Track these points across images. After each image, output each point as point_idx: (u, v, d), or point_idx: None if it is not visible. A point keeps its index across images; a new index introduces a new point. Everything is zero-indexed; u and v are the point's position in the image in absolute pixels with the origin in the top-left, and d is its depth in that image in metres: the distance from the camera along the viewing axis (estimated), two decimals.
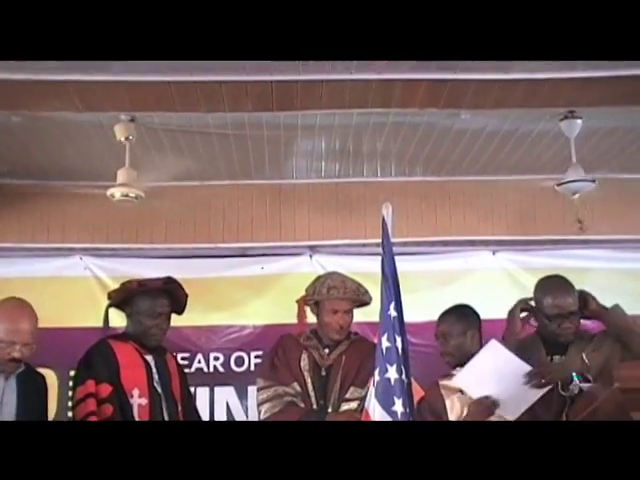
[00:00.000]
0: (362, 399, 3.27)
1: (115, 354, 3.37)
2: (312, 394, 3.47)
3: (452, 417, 3.21)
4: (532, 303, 3.36)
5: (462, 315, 3.35)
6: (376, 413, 2.22)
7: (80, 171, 4.85)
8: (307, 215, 5.13)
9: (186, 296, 3.59)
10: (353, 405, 3.34)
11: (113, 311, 3.60)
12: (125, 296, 3.50)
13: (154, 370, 3.44)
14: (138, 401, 3.33)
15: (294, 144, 4.56)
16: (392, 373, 2.23)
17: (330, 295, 3.57)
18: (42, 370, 4.90)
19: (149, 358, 3.44)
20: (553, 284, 3.31)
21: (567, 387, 2.92)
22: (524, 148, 4.65)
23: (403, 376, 2.24)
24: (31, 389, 3.14)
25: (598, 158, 4.70)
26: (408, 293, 3.08)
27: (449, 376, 3.35)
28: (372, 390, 2.26)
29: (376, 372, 2.27)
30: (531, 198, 5.13)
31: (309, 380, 3.51)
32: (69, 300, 5.02)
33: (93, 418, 3.23)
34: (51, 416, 4.87)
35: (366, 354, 3.37)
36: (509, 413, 3.03)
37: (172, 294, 3.53)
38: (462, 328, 3.30)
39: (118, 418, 3.25)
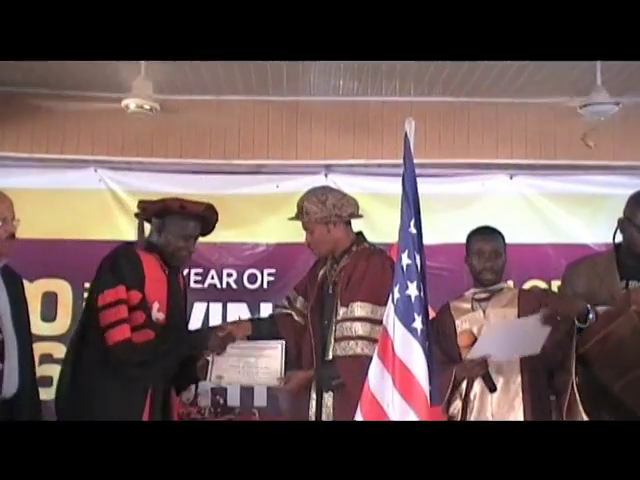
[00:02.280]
0: (347, 320, 3.26)
1: (142, 263, 3.31)
2: (318, 313, 3.44)
3: (461, 337, 3.23)
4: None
5: (498, 235, 3.32)
6: (396, 330, 2.21)
7: (95, 81, 4.77)
8: (324, 133, 5.07)
9: (216, 221, 3.57)
10: (344, 329, 3.27)
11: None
12: (162, 211, 3.42)
13: (173, 287, 3.45)
14: (156, 315, 3.32)
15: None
16: (412, 290, 2.22)
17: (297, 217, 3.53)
18: (56, 281, 5.03)
19: (168, 273, 3.43)
20: None
21: (585, 318, 2.88)
22: (548, 69, 4.53)
23: (422, 293, 2.23)
24: (14, 288, 3.10)
25: (624, 81, 4.58)
26: (422, 215, 3.03)
27: (460, 297, 3.36)
28: (391, 307, 2.25)
29: (396, 289, 2.25)
30: (552, 121, 5.03)
31: (318, 296, 3.48)
32: (83, 213, 5.03)
33: (125, 326, 3.20)
34: (64, 328, 4.98)
35: (361, 268, 3.33)
36: (531, 350, 3.04)
37: (206, 220, 3.51)
38: (502, 247, 3.28)
39: (147, 327, 3.24)
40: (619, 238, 3.18)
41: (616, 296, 2.86)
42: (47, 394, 4.59)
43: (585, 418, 2.88)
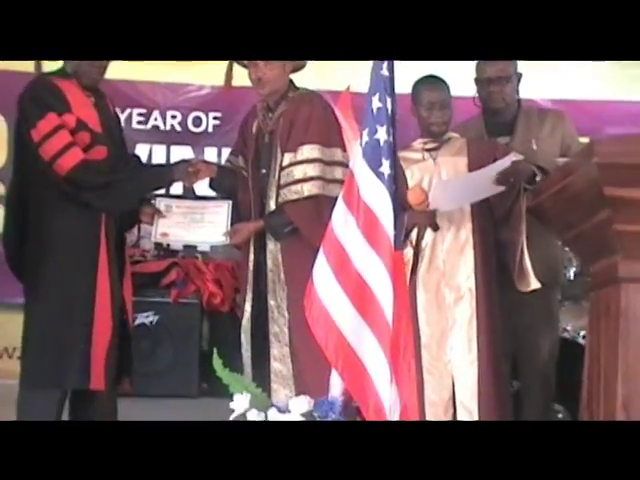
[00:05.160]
0: (295, 164, 3.25)
1: (62, 90, 3.13)
2: (255, 163, 3.38)
3: (412, 194, 3.25)
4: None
5: (444, 84, 3.29)
6: (363, 173, 2.19)
7: None
8: None
9: None
10: (294, 173, 3.25)
11: None
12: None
13: (103, 110, 3.26)
14: None
15: None
16: (382, 134, 2.17)
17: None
18: None
19: (94, 98, 3.24)
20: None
21: (533, 181, 2.98)
22: None
23: (391, 138, 2.20)
24: None
25: None
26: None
27: (409, 147, 3.35)
28: (359, 150, 2.22)
29: (365, 132, 2.20)
30: None
31: (253, 147, 3.40)
32: None
33: (74, 149, 3.07)
34: (1, 163, 4.82)
35: (305, 111, 3.29)
36: (461, 200, 3.12)
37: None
38: (449, 97, 3.26)
39: (97, 144, 3.14)
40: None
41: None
42: None
43: (534, 282, 3.02)
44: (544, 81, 4.87)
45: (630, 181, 2.06)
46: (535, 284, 3.04)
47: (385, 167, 2.17)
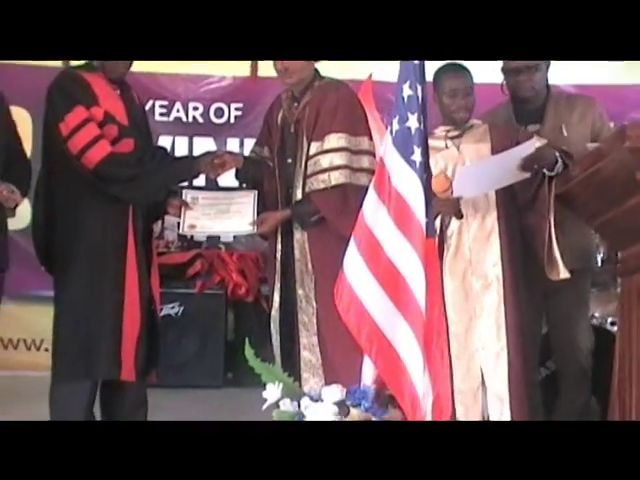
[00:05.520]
0: (322, 153, 3.23)
1: (89, 83, 3.14)
2: (281, 152, 3.35)
3: (436, 182, 3.24)
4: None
5: (467, 71, 3.26)
6: (394, 161, 2.18)
7: None
8: None
9: None
10: (321, 162, 3.22)
11: None
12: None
13: (130, 102, 3.27)
14: None
15: None
16: (413, 122, 2.16)
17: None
18: (14, 108, 4.82)
19: (120, 90, 3.25)
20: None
21: (553, 167, 2.95)
22: None
23: (422, 126, 2.19)
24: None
25: None
26: None
27: (431, 135, 3.32)
28: (389, 138, 2.21)
29: (395, 120, 2.19)
30: None
31: (279, 137, 3.38)
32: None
33: (102, 142, 3.09)
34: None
35: (331, 100, 3.26)
36: (485, 186, 3.09)
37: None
38: (472, 84, 3.23)
39: (125, 137, 3.16)
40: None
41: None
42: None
43: (563, 271, 3.00)
44: (567, 66, 4.82)
45: None
46: (564, 274, 3.00)
47: (417, 155, 2.16)
